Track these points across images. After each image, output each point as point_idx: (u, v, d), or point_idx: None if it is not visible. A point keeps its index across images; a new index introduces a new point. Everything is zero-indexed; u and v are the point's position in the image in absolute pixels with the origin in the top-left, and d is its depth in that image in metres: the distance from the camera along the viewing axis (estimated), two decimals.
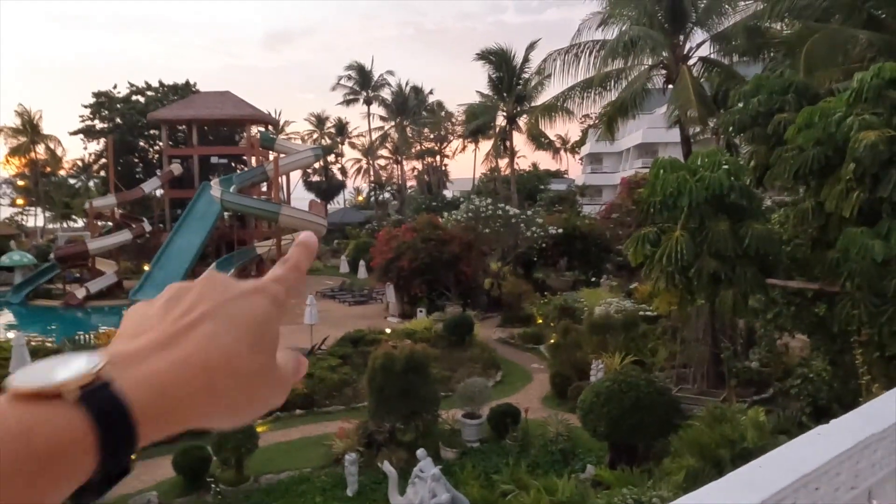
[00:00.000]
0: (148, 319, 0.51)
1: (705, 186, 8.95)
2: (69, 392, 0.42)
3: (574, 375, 14.86)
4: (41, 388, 0.42)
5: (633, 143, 56.98)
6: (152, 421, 0.44)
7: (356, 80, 58.36)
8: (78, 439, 0.41)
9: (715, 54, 17.02)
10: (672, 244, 8.83)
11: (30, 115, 57.59)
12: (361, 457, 10.87)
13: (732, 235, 8.93)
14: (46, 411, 0.41)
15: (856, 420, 1.42)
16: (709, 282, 8.98)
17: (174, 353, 0.47)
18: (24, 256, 35.28)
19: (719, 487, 1.34)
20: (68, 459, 0.41)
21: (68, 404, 0.42)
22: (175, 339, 0.48)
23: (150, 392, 0.44)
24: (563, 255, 30.06)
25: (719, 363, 13.53)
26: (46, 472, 0.40)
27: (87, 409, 0.42)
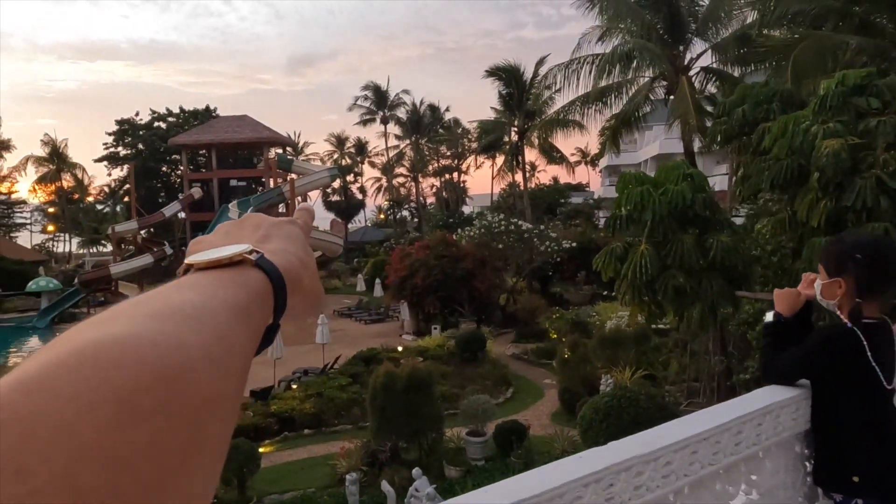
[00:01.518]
0: (224, 237, 0.61)
1: (668, 200, 8.87)
2: (249, 257, 0.53)
3: (583, 391, 14.71)
4: (227, 256, 0.52)
5: (651, 154, 56.54)
6: (288, 284, 0.55)
7: (372, 100, 59.02)
8: (266, 291, 0.52)
9: (717, 64, 16.93)
10: (637, 258, 8.76)
11: (56, 143, 59.24)
12: (364, 476, 10.88)
13: (698, 248, 8.83)
14: (244, 270, 0.52)
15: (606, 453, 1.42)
16: (675, 295, 8.88)
17: (273, 244, 0.59)
18: (50, 282, 36.10)
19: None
20: (266, 305, 0.52)
21: (248, 267, 0.53)
22: (264, 241, 0.60)
23: (281, 262, 0.56)
24: (581, 269, 29.88)
25: (731, 376, 13.31)
26: (261, 308, 0.51)
27: (261, 269, 0.53)
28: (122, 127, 52.88)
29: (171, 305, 0.43)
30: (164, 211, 39.46)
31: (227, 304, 0.47)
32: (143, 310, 0.41)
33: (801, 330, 2.21)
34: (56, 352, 0.35)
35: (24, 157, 60.64)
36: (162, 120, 53.60)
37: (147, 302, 0.43)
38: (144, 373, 0.35)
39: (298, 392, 15.64)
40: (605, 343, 16.41)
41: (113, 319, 0.39)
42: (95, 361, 0.34)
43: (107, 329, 0.37)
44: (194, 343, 0.39)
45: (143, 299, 0.43)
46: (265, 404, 14.93)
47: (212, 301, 0.46)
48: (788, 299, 2.27)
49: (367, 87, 58.60)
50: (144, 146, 51.74)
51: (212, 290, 0.48)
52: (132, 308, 0.42)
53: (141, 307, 0.42)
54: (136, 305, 0.42)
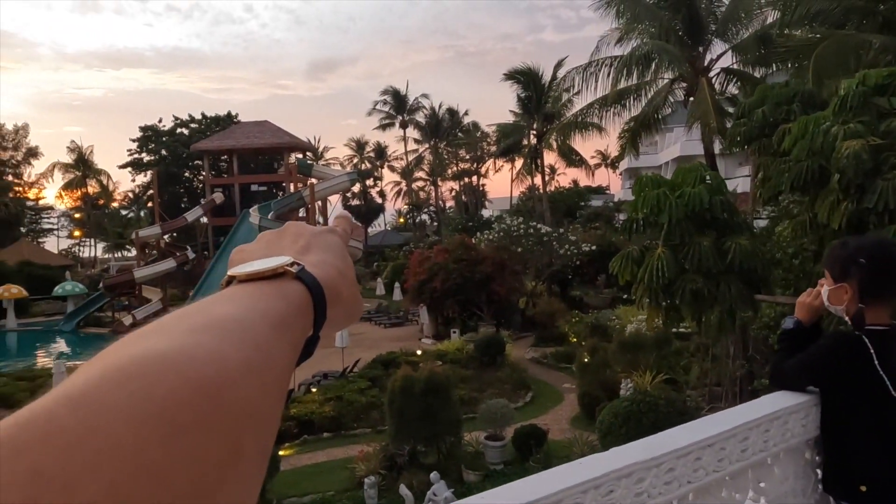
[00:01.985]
0: (259, 250, 0.61)
1: (685, 202, 8.75)
2: (290, 270, 0.54)
3: (603, 395, 14.61)
4: (268, 269, 0.53)
5: (672, 157, 56.07)
6: (328, 295, 0.56)
7: (392, 104, 59.29)
8: (307, 303, 0.53)
9: (737, 65, 16.71)
10: (654, 262, 8.65)
11: (81, 150, 60.30)
12: (383, 480, 10.91)
13: (715, 251, 8.70)
14: (284, 283, 0.53)
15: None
16: (693, 299, 8.75)
17: (312, 256, 0.60)
18: (76, 286, 36.73)
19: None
20: (306, 317, 0.53)
21: (289, 279, 0.53)
22: (305, 251, 0.61)
23: (321, 274, 0.56)
24: (601, 272, 29.68)
25: (752, 379, 13.12)
26: (301, 321, 0.52)
27: (302, 282, 0.54)
28: (145, 133, 53.69)
29: (212, 319, 0.43)
30: (187, 216, 39.96)
31: (266, 317, 0.47)
32: (185, 324, 0.42)
33: (814, 336, 2.17)
34: (101, 367, 0.36)
35: (51, 164, 61.92)
36: (184, 126, 54.32)
37: (188, 316, 0.43)
38: (184, 387, 0.35)
39: (318, 395, 15.74)
40: (625, 347, 16.28)
41: (155, 334, 0.40)
42: (138, 377, 0.35)
43: (149, 344, 0.38)
44: (233, 356, 0.40)
45: (184, 313, 0.44)
46: (285, 407, 14.99)
47: (251, 313, 0.46)
48: (811, 307, 2.22)
49: (387, 91, 58.91)
50: (167, 152, 52.48)
51: (252, 302, 0.49)
52: (174, 322, 0.42)
53: (182, 321, 0.42)
54: (178, 319, 0.43)
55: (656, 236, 9.19)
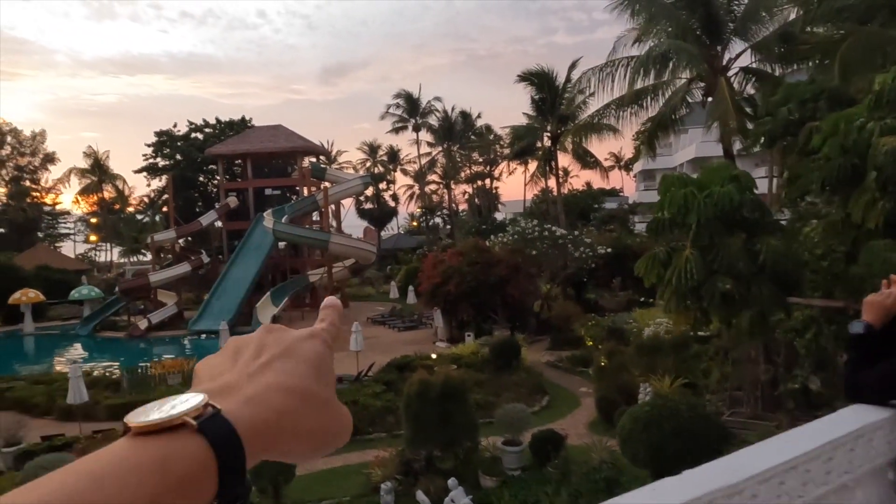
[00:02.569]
0: (219, 367, 0.56)
1: (714, 202, 8.50)
2: (190, 422, 0.46)
3: (621, 399, 14.39)
4: (164, 420, 0.45)
5: (687, 158, 55.62)
6: (254, 442, 0.48)
7: (404, 107, 59.31)
8: (204, 465, 0.45)
9: (757, 64, 16.42)
10: (682, 263, 8.41)
11: (97, 155, 60.83)
12: (399, 485, 10.77)
13: (746, 252, 8.44)
14: (174, 442, 0.45)
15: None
16: (722, 302, 8.50)
17: (262, 380, 0.52)
18: (92, 290, 36.96)
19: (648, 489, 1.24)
20: (199, 485, 0.45)
21: (189, 434, 0.46)
22: (257, 373, 0.53)
23: (249, 415, 0.49)
24: (616, 275, 29.40)
25: (776, 384, 12.85)
26: (184, 494, 0.44)
27: (206, 436, 0.46)
28: (160, 138, 54.03)
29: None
30: (202, 220, 40.11)
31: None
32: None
33: (888, 341, 1.96)
34: None
35: (68, 169, 62.55)
36: (199, 131, 54.62)
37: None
38: None
39: None
40: (642, 350, 16.05)
41: None
42: None
43: None
44: None
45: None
46: None
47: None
48: (882, 308, 2.01)
49: (399, 95, 58.94)
50: (182, 157, 52.77)
51: (98, 484, 0.41)
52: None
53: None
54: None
55: (684, 237, 8.96)
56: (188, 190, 52.81)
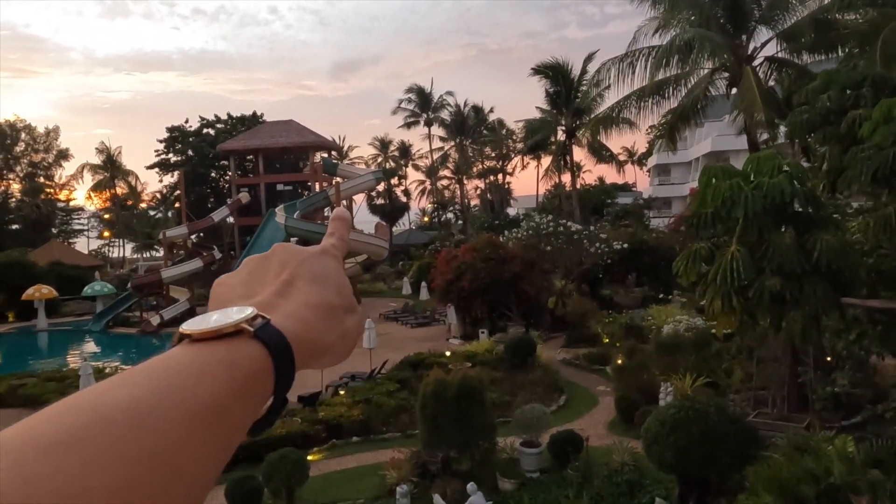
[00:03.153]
0: (238, 286, 0.59)
1: (763, 194, 8.03)
2: (247, 328, 0.49)
3: (641, 399, 14.03)
4: (224, 326, 0.48)
5: (703, 152, 54.98)
6: (300, 350, 0.51)
7: (416, 102, 58.97)
8: (263, 366, 0.48)
9: (783, 53, 15.89)
10: (727, 261, 7.96)
11: (110, 151, 60.98)
12: (415, 487, 10.48)
13: (798, 249, 7.97)
14: (237, 345, 0.48)
15: None
16: (772, 303, 8.06)
17: (293, 299, 0.55)
18: (105, 286, 36.99)
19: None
20: (261, 383, 0.48)
21: (247, 339, 0.48)
22: (285, 291, 0.56)
23: (294, 326, 0.52)
24: (631, 271, 28.99)
25: (801, 385, 12.43)
26: (249, 395, 0.47)
27: (262, 342, 0.49)
28: (172, 134, 54.06)
29: (94, 418, 0.37)
30: (213, 216, 40.02)
31: (189, 404, 0.40)
32: (44, 432, 0.35)
33: None
34: None
35: (80, 165, 62.76)
36: (210, 126, 54.59)
37: (64, 413, 0.37)
38: None
39: (346, 398, 15.38)
40: (662, 349, 15.69)
41: (3, 454, 0.33)
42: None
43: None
44: (95, 488, 0.33)
45: (69, 404, 0.38)
46: (313, 410, 14.69)
47: (166, 403, 0.39)
48: None
49: (411, 89, 58.63)
50: (194, 152, 52.77)
51: (179, 380, 0.42)
52: (36, 425, 0.36)
53: (45, 425, 0.36)
54: (45, 422, 0.37)
55: (727, 232, 8.52)
56: (200, 186, 52.83)
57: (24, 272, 37.24)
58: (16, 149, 69.41)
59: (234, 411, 0.44)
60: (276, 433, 13.04)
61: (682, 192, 55.42)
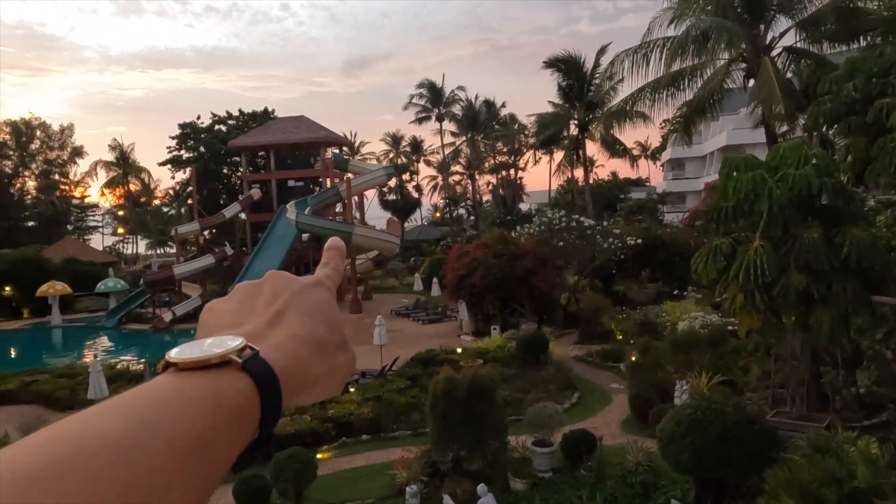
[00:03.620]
0: (230, 313, 0.57)
1: (789, 187, 7.67)
2: (236, 359, 0.48)
3: (656, 397, 13.78)
4: (212, 356, 0.47)
5: (718, 146, 54.31)
6: (287, 384, 0.50)
7: (427, 97, 58.68)
8: (250, 400, 0.47)
9: (802, 43, 15.46)
10: (750, 257, 7.64)
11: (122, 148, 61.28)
12: (425, 487, 10.31)
13: (826, 244, 7.62)
14: (224, 377, 0.47)
15: None
16: (798, 301, 7.73)
17: (282, 330, 0.54)
18: (118, 283, 37.14)
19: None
20: (246, 417, 0.47)
21: (234, 371, 0.48)
22: (276, 321, 0.55)
23: (283, 358, 0.51)
24: (645, 267, 28.62)
25: (821, 383, 12.11)
26: (235, 427, 0.46)
27: (250, 374, 0.48)
28: (184, 130, 54.15)
29: (75, 451, 0.37)
30: (225, 212, 40.06)
31: (172, 438, 0.40)
32: (23, 463, 0.35)
33: None
34: None
35: (94, 162, 63.21)
36: (222, 123, 54.63)
37: (42, 445, 0.37)
38: None
39: (356, 395, 15.23)
40: (677, 346, 15.39)
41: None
42: None
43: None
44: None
45: (48, 437, 0.38)
46: (322, 408, 14.56)
47: (148, 436, 0.39)
48: None
49: (423, 84, 58.33)
50: (206, 149, 52.84)
51: (163, 412, 0.41)
52: (15, 456, 0.36)
53: (25, 457, 0.36)
54: (24, 453, 0.37)
55: (751, 227, 8.19)
56: (212, 182, 52.90)
57: (38, 268, 37.49)
58: (31, 146, 69.99)
59: (219, 444, 0.43)
60: (286, 431, 12.93)
61: (696, 186, 54.79)
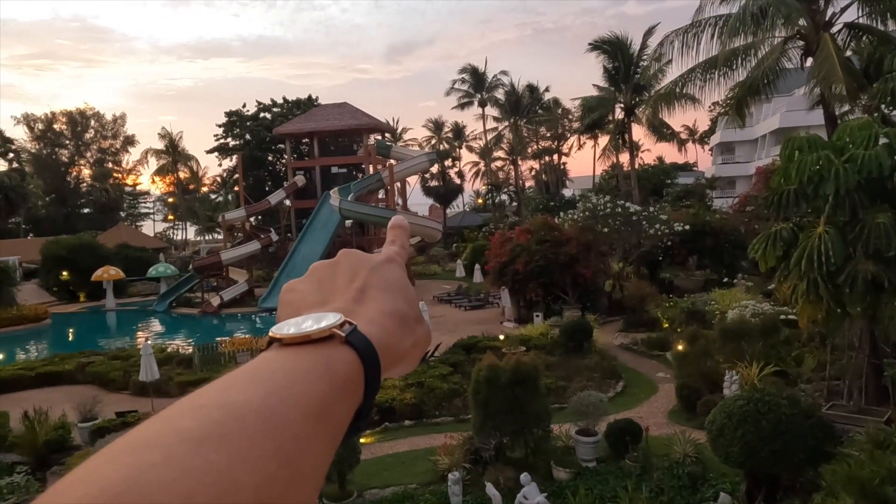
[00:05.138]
0: (310, 293, 0.58)
1: (857, 168, 7.21)
2: (339, 333, 0.49)
3: (704, 388, 13.45)
4: (318, 331, 0.48)
5: (770, 129, 52.45)
6: (383, 356, 0.51)
7: (470, 82, 58.27)
8: (356, 370, 0.48)
9: (864, 18, 14.65)
10: (814, 243, 7.23)
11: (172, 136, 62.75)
12: (467, 474, 10.28)
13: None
14: (330, 350, 0.48)
15: None
16: (866, 290, 7.29)
17: (370, 306, 0.55)
18: (168, 268, 38.17)
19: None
20: (354, 390, 0.48)
21: (337, 344, 0.49)
22: (361, 298, 0.56)
23: (378, 333, 0.52)
24: (692, 254, 27.91)
25: (881, 375, 11.59)
26: (346, 398, 0.47)
27: (353, 347, 0.49)
28: (230, 118, 55.09)
29: (229, 416, 0.39)
30: (270, 199, 40.65)
31: (301, 406, 0.42)
32: (194, 424, 0.37)
33: None
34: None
35: (144, 151, 64.96)
36: (267, 111, 55.37)
37: (202, 408, 0.39)
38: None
39: (398, 381, 15.29)
40: (727, 335, 14.93)
41: (148, 448, 0.34)
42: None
43: (137, 465, 0.32)
44: (243, 483, 0.34)
45: (195, 404, 0.40)
46: None
47: (282, 405, 0.41)
48: None
49: (465, 69, 57.95)
50: (251, 136, 53.69)
51: (287, 382, 0.43)
52: (182, 420, 0.38)
53: (185, 421, 0.38)
54: (190, 413, 0.39)
55: (815, 211, 7.78)
56: (257, 169, 53.76)
57: (94, 254, 38.79)
58: (86, 135, 72.34)
59: (337, 412, 0.45)
60: None
61: (747, 171, 53.12)
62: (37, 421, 12.64)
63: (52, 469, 11.71)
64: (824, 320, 8.87)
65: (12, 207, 34.09)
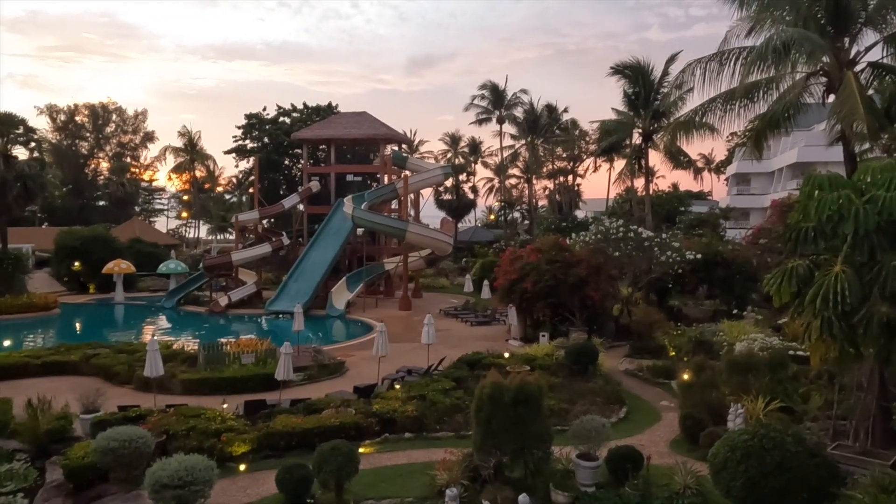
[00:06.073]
0: None
1: (878, 209, 7.19)
2: None
3: (708, 419, 13.30)
4: None
5: (787, 163, 52.33)
6: None
7: (489, 99, 58.55)
8: None
9: (889, 58, 14.62)
10: (830, 282, 7.19)
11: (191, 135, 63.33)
12: (465, 491, 10.20)
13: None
14: None
15: None
16: (881, 332, 7.24)
17: None
18: (179, 265, 38.39)
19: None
20: None
21: None
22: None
23: None
24: (703, 283, 27.75)
25: (889, 418, 11.44)
26: None
27: None
28: (250, 121, 55.57)
29: None
30: (284, 202, 40.89)
31: None
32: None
33: None
34: None
35: (163, 147, 65.64)
36: (286, 115, 55.82)
37: None
38: None
39: (401, 392, 15.26)
40: (734, 367, 14.79)
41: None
42: None
43: None
44: None
45: None
46: (368, 402, 14.65)
47: None
48: None
49: (485, 86, 58.24)
50: (269, 140, 54.12)
51: None
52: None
53: None
54: None
55: (833, 250, 7.75)
56: (273, 172, 54.13)
57: (106, 247, 39.12)
58: (107, 129, 73.14)
59: None
60: (330, 423, 13.05)
61: (762, 203, 52.94)
62: (40, 410, 12.69)
63: (51, 459, 11.73)
64: (836, 360, 8.77)
65: (30, 196, 34.47)
